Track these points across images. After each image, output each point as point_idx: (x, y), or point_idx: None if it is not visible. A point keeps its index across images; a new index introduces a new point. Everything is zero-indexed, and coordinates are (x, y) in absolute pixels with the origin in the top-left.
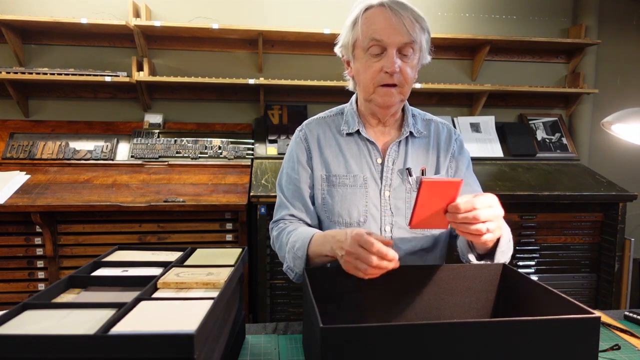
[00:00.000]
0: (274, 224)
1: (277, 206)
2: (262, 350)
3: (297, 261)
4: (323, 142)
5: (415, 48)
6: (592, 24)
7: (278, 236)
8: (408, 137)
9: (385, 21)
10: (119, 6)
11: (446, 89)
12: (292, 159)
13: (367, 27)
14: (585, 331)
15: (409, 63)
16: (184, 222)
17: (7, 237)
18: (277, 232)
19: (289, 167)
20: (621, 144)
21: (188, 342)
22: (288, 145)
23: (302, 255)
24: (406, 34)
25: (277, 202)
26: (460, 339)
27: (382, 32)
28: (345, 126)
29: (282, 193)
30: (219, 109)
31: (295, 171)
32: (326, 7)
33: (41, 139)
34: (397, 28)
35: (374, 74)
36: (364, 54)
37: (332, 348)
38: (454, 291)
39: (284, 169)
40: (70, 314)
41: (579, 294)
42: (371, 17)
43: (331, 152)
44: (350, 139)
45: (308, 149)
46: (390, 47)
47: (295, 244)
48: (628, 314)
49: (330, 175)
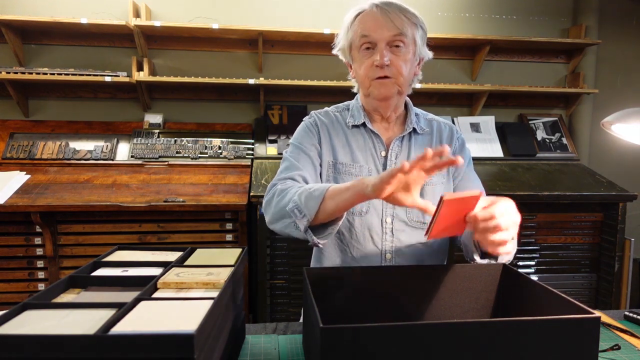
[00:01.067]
0: (279, 181)
1: (285, 167)
2: (262, 350)
3: (311, 202)
4: (332, 131)
5: (405, 41)
6: (592, 24)
7: (284, 190)
8: (411, 133)
9: (373, 19)
10: (119, 6)
11: (446, 89)
12: (300, 137)
13: (358, 27)
14: (585, 331)
15: (401, 56)
16: (184, 222)
17: (7, 237)
18: (284, 187)
19: (297, 140)
20: (621, 144)
21: (188, 342)
22: (295, 130)
23: (319, 195)
24: (392, 27)
25: (285, 165)
26: (460, 339)
27: (371, 29)
28: (352, 119)
29: (292, 158)
30: (219, 109)
31: (305, 146)
32: (326, 7)
33: (41, 139)
34: (383, 23)
35: (367, 69)
36: (359, 53)
37: (332, 348)
38: (454, 291)
39: (291, 145)
40: (70, 314)
41: (579, 294)
42: (362, 19)
43: (339, 141)
44: (356, 131)
45: (318, 133)
46: (379, 41)
47: (313, 187)
48: (628, 314)
49: (337, 163)
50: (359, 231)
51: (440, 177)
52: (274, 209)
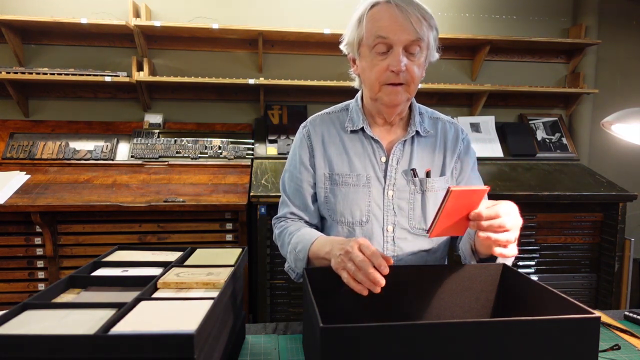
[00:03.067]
0: (276, 220)
1: (280, 203)
2: (262, 350)
3: (299, 262)
4: (327, 140)
5: (422, 46)
6: (592, 24)
7: (280, 234)
8: (414, 136)
9: (391, 18)
10: (119, 6)
11: (446, 89)
12: (294, 157)
13: (373, 25)
14: (585, 331)
15: (415, 61)
16: (184, 222)
17: (7, 237)
18: (279, 231)
19: (292, 165)
20: (621, 144)
21: (188, 342)
22: (291, 144)
23: (303, 257)
24: (413, 32)
25: (280, 200)
26: (460, 339)
27: (388, 30)
28: (350, 123)
29: (284, 191)
30: (219, 109)
31: (297, 170)
32: (326, 7)
33: (41, 139)
34: (403, 25)
35: (380, 73)
36: (370, 52)
37: (332, 348)
38: (454, 291)
39: (287, 167)
40: (70, 314)
41: (579, 294)
42: (377, 14)
43: (335, 150)
44: (354, 137)
45: (311, 147)
46: (397, 45)
47: (297, 246)
48: (628, 314)
49: (333, 174)
50: None
51: (443, 183)
52: (279, 248)
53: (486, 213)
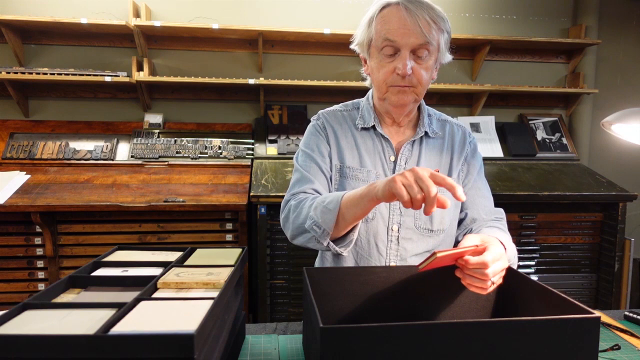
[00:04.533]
0: (292, 196)
1: (297, 180)
2: (262, 350)
3: (327, 215)
4: (339, 133)
5: (430, 49)
6: (592, 24)
7: (298, 205)
8: (423, 137)
9: (400, 21)
10: (119, 6)
11: (446, 89)
12: (310, 142)
13: (382, 27)
14: (585, 331)
15: (423, 65)
16: (184, 222)
17: (7, 237)
18: (298, 202)
19: (308, 149)
20: (621, 144)
21: (188, 342)
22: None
23: (334, 208)
24: (420, 35)
25: (296, 177)
26: (460, 339)
27: (396, 33)
28: (361, 121)
29: (303, 169)
30: (219, 109)
31: (315, 152)
32: (326, 7)
33: (41, 139)
34: (411, 29)
35: (387, 75)
36: (378, 54)
37: (332, 348)
38: (454, 291)
39: (301, 151)
40: (70, 314)
41: (579, 294)
42: (386, 17)
43: (347, 144)
44: (365, 134)
45: (326, 136)
46: (404, 48)
47: (326, 199)
48: (628, 314)
49: (344, 167)
50: (363, 238)
51: None
52: (292, 225)
53: (473, 262)
